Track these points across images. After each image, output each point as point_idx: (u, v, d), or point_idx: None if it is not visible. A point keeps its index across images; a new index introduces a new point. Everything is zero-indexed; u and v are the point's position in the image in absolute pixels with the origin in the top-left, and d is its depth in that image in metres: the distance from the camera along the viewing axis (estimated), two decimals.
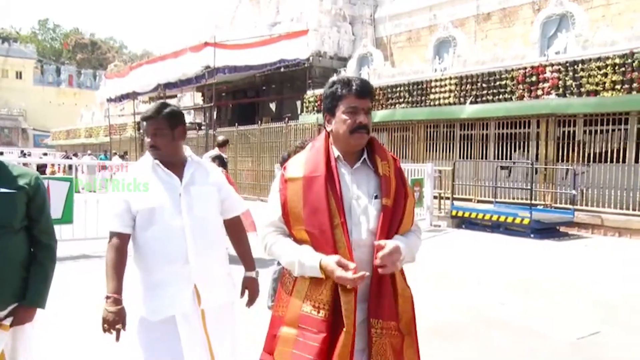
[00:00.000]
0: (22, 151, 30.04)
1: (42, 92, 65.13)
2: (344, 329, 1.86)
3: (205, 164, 2.72)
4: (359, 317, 1.91)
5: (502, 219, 10.85)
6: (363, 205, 2.02)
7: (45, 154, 31.08)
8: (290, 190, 2.05)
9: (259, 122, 20.53)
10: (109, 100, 29.63)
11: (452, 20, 19.43)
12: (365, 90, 2.05)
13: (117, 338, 2.40)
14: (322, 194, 1.97)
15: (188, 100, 29.97)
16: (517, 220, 10.52)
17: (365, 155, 2.10)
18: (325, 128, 2.13)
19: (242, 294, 2.72)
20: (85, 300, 5.29)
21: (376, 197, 2.03)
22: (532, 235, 10.26)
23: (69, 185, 8.03)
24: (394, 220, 2.02)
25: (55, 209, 7.70)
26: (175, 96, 29.13)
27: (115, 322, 2.37)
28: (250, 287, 2.71)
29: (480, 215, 11.28)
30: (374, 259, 1.91)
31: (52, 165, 22.06)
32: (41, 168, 20.31)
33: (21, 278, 2.41)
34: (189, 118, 27.49)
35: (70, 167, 12.44)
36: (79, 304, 5.19)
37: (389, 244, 1.90)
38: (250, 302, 2.73)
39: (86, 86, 67.56)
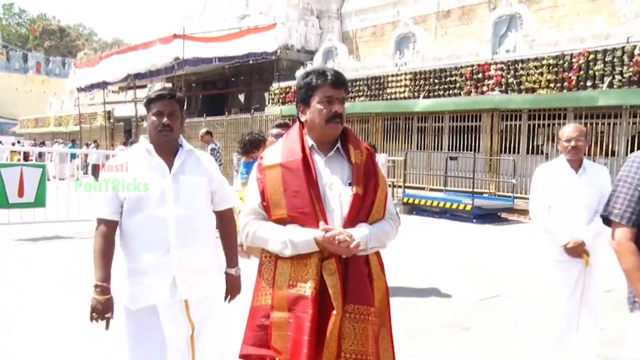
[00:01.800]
0: None
1: (8, 79, 63.95)
2: (334, 312, 1.91)
3: (198, 152, 2.66)
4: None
5: (447, 205, 11.80)
6: (337, 193, 2.06)
7: (18, 142, 31.11)
8: (269, 177, 2.08)
9: (226, 113, 21.13)
10: (79, 89, 29.76)
11: (414, 16, 20.25)
12: (340, 81, 2.10)
13: (107, 326, 2.39)
14: (302, 177, 2.02)
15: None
16: (461, 207, 11.48)
17: (338, 145, 2.15)
18: (298, 118, 2.18)
19: (227, 290, 2.70)
20: (57, 277, 6.00)
21: (350, 184, 2.06)
22: (474, 221, 11.22)
23: (42, 171, 8.63)
24: (362, 207, 2.06)
25: (29, 194, 8.33)
26: (146, 86, 29.41)
27: (104, 311, 2.36)
28: (229, 284, 2.67)
29: (428, 202, 12.22)
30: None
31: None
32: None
33: None
34: None
35: (40, 154, 12.92)
36: (52, 281, 5.89)
37: (337, 228, 1.96)
38: (228, 298, 2.70)
39: (55, 74, 66.52)
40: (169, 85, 27.88)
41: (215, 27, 22.92)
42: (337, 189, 2.06)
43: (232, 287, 2.68)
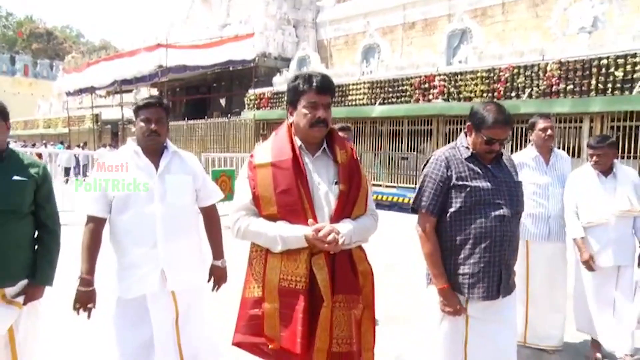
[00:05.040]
0: None
1: None
2: (324, 304, 2.07)
3: (182, 153, 2.79)
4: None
5: (396, 199, 13.50)
6: (324, 191, 2.18)
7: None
8: (260, 175, 2.17)
9: (205, 117, 22.61)
10: (68, 94, 31.14)
11: (382, 27, 21.80)
12: (325, 87, 2.18)
13: (89, 316, 2.61)
14: (292, 176, 2.12)
15: (144, 94, 31.57)
16: (406, 200, 13.18)
17: (325, 145, 2.26)
18: (287, 119, 2.28)
19: (209, 279, 2.87)
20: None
21: (336, 183, 2.19)
22: None
23: None
24: (347, 204, 2.19)
25: None
26: (132, 91, 30.74)
27: (86, 301, 2.56)
28: (216, 275, 2.86)
29: (380, 197, 13.92)
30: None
31: None
32: None
33: (27, 257, 2.61)
34: None
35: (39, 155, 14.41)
36: None
37: (327, 225, 2.09)
38: (215, 288, 2.89)
39: (42, 76, 67.19)
40: (154, 90, 29.35)
41: (197, 35, 24.23)
42: (324, 188, 2.18)
43: (219, 277, 2.89)
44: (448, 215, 2.55)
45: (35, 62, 69.25)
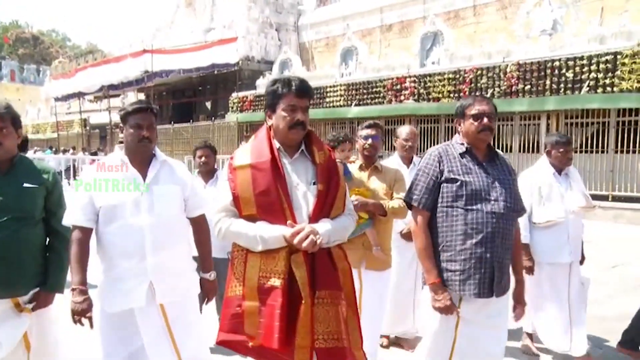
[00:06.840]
0: None
1: None
2: (303, 301, 2.06)
3: (171, 162, 2.70)
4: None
5: None
6: (302, 191, 2.20)
7: None
8: (239, 177, 2.20)
9: (191, 120, 23.20)
10: (57, 99, 31.58)
11: (361, 29, 22.39)
12: (303, 90, 2.22)
13: (91, 325, 2.50)
14: (270, 178, 2.14)
15: (132, 98, 31.98)
16: None
17: (303, 147, 2.28)
18: (266, 122, 2.31)
19: (202, 295, 2.80)
20: None
21: (314, 184, 2.21)
22: None
23: None
24: (326, 203, 2.22)
25: None
26: (119, 95, 31.22)
27: (84, 311, 2.44)
28: (205, 288, 2.77)
29: None
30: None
31: None
32: None
33: (39, 264, 2.59)
34: None
35: None
36: None
37: (306, 227, 2.10)
38: (205, 301, 2.82)
39: (29, 81, 67.02)
40: (141, 94, 29.76)
41: (182, 39, 24.74)
42: (302, 188, 2.21)
43: (209, 290, 2.80)
44: (439, 209, 2.54)
45: (21, 67, 69.03)
